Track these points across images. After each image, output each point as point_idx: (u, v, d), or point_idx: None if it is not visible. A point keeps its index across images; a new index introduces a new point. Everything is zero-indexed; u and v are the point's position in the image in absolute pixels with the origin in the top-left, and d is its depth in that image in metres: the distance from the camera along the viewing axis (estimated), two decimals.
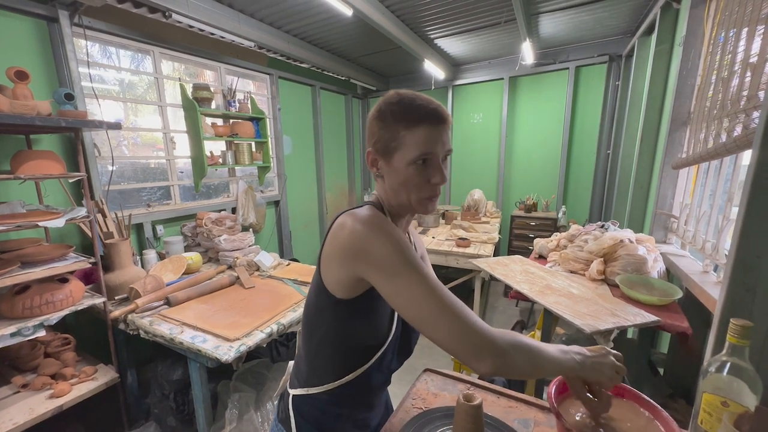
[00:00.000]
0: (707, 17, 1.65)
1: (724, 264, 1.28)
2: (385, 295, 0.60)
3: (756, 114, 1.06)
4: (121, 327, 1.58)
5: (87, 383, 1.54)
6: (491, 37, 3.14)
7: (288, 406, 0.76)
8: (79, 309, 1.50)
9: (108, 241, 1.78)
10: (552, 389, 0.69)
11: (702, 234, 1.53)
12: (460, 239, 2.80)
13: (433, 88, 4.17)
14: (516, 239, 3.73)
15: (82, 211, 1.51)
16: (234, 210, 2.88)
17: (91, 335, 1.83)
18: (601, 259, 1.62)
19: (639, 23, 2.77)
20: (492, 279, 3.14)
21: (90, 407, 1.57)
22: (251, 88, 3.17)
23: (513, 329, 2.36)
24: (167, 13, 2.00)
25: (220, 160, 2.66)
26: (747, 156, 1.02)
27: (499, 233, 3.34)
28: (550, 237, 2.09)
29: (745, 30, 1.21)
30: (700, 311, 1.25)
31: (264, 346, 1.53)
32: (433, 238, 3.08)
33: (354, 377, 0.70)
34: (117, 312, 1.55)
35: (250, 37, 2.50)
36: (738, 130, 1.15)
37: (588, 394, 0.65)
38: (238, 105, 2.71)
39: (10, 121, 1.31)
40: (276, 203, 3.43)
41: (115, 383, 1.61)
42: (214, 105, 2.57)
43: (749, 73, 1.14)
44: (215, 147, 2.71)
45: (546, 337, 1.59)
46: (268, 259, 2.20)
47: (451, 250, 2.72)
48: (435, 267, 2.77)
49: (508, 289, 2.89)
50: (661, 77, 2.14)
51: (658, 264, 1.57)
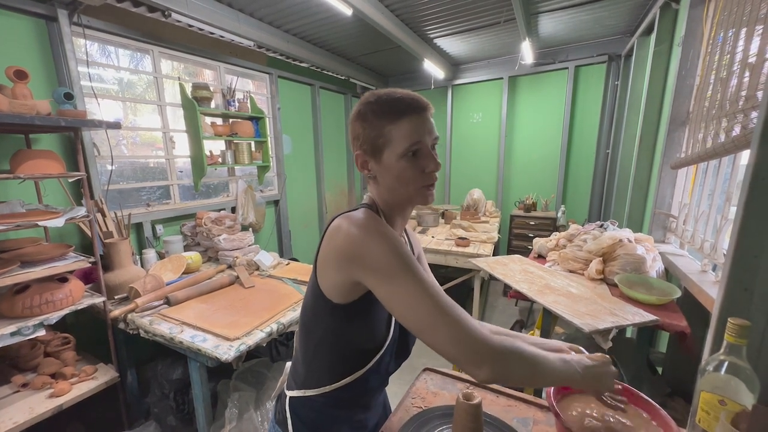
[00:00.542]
0: (706, 17, 1.65)
1: (722, 263, 1.28)
2: (382, 299, 0.59)
3: (754, 114, 1.06)
4: (121, 326, 1.58)
5: (87, 382, 1.54)
6: (491, 37, 3.14)
7: (285, 407, 0.76)
8: (79, 308, 1.50)
9: (107, 241, 1.78)
10: (551, 389, 0.69)
11: (700, 233, 1.54)
12: (459, 239, 2.80)
13: (433, 87, 4.17)
14: (515, 239, 3.74)
15: (81, 211, 1.51)
16: (233, 209, 2.88)
17: (91, 335, 1.82)
18: (600, 259, 1.63)
19: (638, 23, 2.77)
20: (491, 278, 3.16)
21: (90, 406, 1.57)
22: (251, 87, 3.16)
23: (512, 328, 2.37)
24: (166, 12, 2.00)
25: (219, 159, 2.65)
26: (745, 156, 1.03)
27: (499, 233, 3.34)
28: (549, 236, 2.09)
29: (744, 30, 1.21)
30: (698, 310, 1.25)
31: (264, 345, 1.53)
32: (433, 237, 3.08)
33: (351, 380, 0.70)
34: (117, 311, 1.55)
35: (249, 37, 2.50)
36: (736, 130, 1.16)
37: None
38: (237, 104, 2.71)
39: (9, 121, 1.31)
40: (275, 203, 3.43)
41: (115, 382, 1.61)
42: (213, 104, 2.57)
43: (748, 73, 1.15)
44: (215, 146, 2.71)
45: (545, 337, 1.59)
46: (267, 259, 2.20)
47: (451, 249, 2.72)
48: (434, 266, 2.80)
49: (507, 289, 2.88)
50: (660, 77, 2.14)
51: (656, 263, 1.58)
